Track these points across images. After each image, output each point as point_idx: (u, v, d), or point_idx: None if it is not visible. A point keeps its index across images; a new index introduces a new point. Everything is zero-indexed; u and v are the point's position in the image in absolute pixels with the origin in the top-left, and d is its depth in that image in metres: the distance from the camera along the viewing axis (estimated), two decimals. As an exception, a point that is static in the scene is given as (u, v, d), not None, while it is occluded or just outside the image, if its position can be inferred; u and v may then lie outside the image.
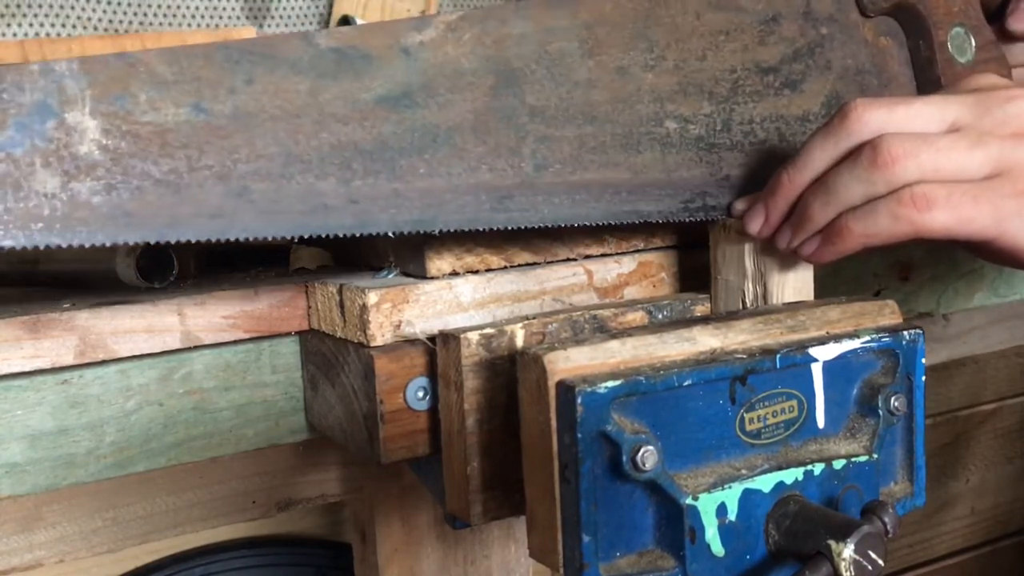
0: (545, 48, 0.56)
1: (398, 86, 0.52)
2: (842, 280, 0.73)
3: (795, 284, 0.58)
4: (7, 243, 0.43)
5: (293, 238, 0.54)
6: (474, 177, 0.54)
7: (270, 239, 0.50)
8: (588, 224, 0.58)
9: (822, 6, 0.67)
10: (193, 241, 0.48)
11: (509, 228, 0.56)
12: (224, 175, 0.47)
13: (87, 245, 0.46)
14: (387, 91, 0.51)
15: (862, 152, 0.54)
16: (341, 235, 0.51)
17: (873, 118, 0.55)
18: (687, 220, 0.61)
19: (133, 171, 0.45)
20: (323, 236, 0.51)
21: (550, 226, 0.57)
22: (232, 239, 0.48)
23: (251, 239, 0.49)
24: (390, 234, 0.52)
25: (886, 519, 0.51)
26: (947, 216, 0.53)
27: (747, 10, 0.64)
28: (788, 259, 0.58)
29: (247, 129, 0.48)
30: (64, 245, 0.45)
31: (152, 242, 0.47)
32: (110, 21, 1.45)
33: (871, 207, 0.53)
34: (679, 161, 0.61)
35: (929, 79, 0.70)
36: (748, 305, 0.58)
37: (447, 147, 0.53)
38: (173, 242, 0.47)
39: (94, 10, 1.44)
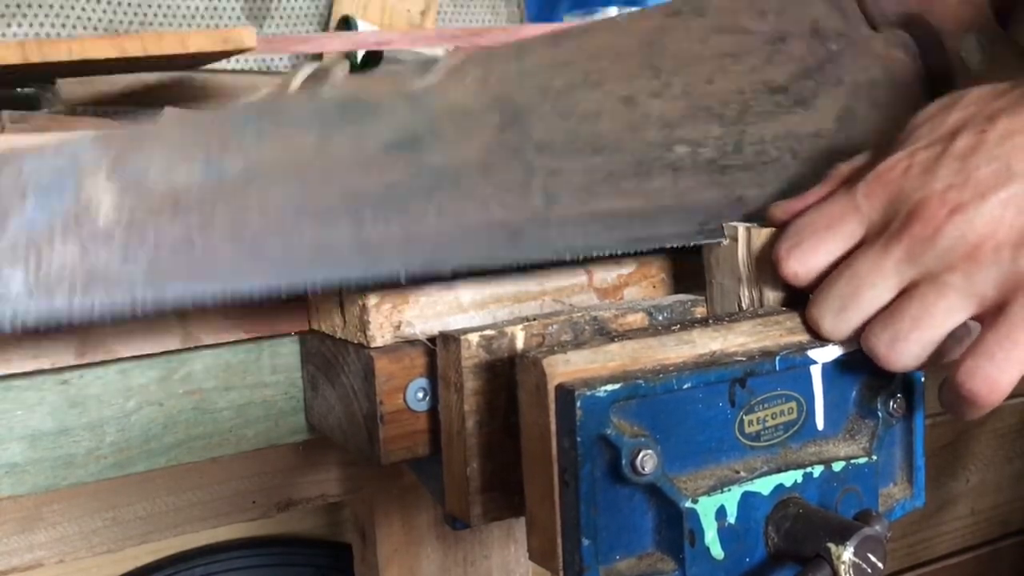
0: (550, 83, 0.56)
1: (406, 132, 0.52)
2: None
3: (791, 286, 0.58)
4: None
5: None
6: (484, 215, 0.54)
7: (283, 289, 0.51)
8: (602, 254, 0.58)
9: (830, 23, 0.66)
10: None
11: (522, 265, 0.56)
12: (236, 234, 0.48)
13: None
14: (395, 137, 0.52)
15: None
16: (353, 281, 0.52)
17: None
18: (703, 242, 0.61)
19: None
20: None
21: (567, 258, 0.57)
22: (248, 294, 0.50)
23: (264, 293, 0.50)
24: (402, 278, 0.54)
25: (877, 527, 0.51)
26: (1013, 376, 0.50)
27: (753, 31, 0.64)
28: None
29: (260, 186, 0.49)
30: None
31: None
32: (110, 21, 1.45)
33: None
34: (691, 185, 0.61)
35: (942, 89, 0.67)
36: (744, 308, 0.58)
37: (455, 188, 0.53)
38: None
39: (94, 10, 1.44)
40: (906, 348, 0.51)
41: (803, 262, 0.54)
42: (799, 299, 0.58)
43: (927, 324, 0.50)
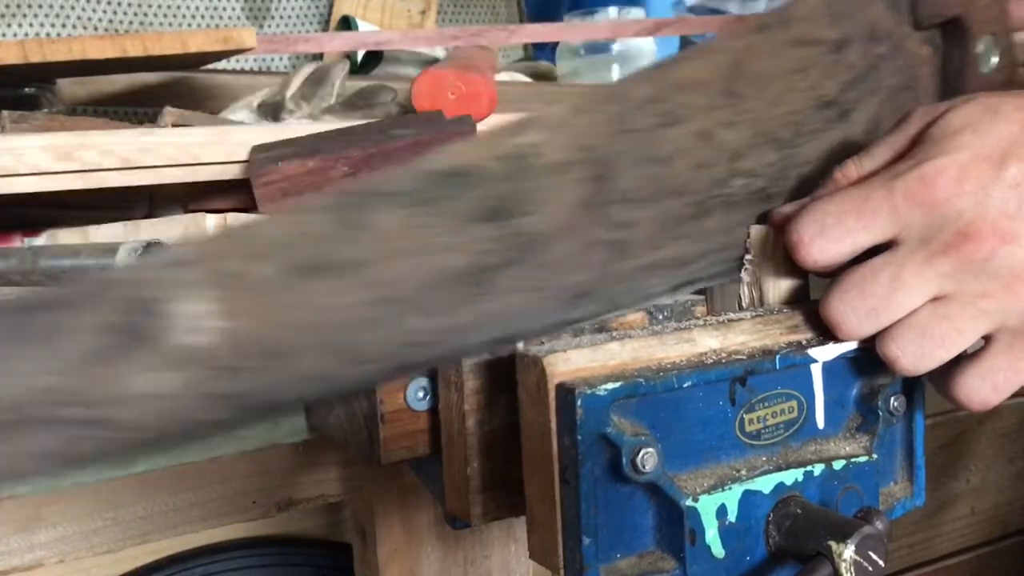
0: (634, 125, 0.52)
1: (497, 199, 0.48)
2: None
3: (791, 286, 0.58)
4: None
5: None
6: (557, 280, 0.50)
7: None
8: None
9: (884, 24, 0.62)
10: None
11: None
12: None
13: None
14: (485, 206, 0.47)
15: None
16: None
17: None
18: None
19: None
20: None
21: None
22: None
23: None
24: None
25: (878, 525, 0.51)
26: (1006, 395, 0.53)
27: (821, 41, 0.59)
28: (782, 261, 0.57)
29: None
30: None
31: None
32: (110, 21, 1.45)
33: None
34: (741, 219, 0.57)
35: (954, 91, 0.64)
36: (745, 306, 0.58)
37: (535, 255, 0.48)
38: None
39: (94, 10, 1.44)
40: (930, 364, 0.53)
41: (825, 250, 0.53)
42: (799, 297, 0.58)
43: (953, 345, 0.52)
